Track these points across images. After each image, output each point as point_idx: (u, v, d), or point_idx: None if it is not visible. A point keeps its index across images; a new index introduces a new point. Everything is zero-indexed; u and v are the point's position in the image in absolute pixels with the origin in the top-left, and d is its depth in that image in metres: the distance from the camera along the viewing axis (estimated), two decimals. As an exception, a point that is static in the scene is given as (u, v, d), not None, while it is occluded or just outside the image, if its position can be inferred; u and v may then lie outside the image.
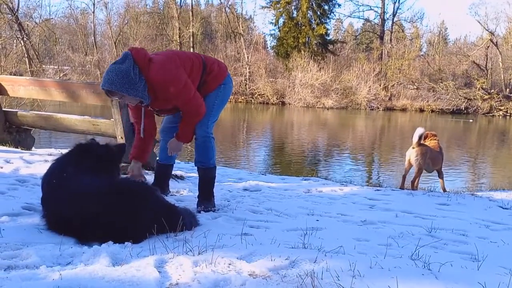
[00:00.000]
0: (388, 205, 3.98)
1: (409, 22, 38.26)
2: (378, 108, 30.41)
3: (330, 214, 3.43)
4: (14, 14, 29.00)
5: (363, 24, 44.01)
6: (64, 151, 5.63)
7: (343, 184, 5.20)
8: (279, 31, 35.81)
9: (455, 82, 31.62)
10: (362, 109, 30.06)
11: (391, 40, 36.27)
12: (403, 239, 2.77)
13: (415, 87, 33.15)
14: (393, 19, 36.77)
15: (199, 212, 3.22)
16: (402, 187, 5.26)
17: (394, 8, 36.47)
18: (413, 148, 5.24)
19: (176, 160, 4.04)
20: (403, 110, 30.81)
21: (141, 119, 3.36)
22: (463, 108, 30.32)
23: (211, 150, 3.53)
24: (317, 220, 3.17)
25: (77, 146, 2.77)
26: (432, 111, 30.50)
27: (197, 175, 3.58)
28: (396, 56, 33.90)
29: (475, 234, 3.08)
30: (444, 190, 5.40)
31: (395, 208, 3.84)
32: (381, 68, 33.37)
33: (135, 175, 3.31)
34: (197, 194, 3.52)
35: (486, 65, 32.55)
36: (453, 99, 30.53)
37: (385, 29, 36.82)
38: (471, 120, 26.16)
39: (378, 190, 4.87)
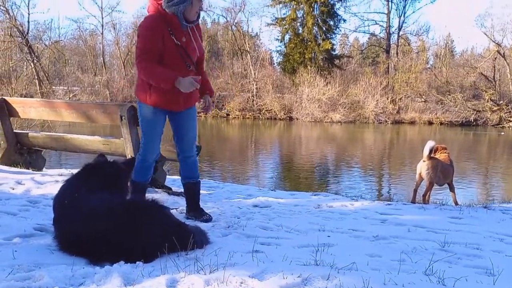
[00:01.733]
0: (400, 220, 3.93)
1: (415, 36, 38.32)
2: (386, 122, 30.31)
3: (342, 230, 3.40)
4: (25, 37, 29.57)
5: (369, 38, 44.24)
6: (75, 171, 5.68)
7: (353, 199, 5.16)
8: (285, 47, 36.05)
9: (463, 94, 31.47)
10: (370, 122, 29.98)
11: (397, 53, 36.31)
12: (416, 254, 2.73)
13: (423, 99, 33.04)
14: (398, 33, 36.86)
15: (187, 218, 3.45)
16: (413, 201, 5.20)
17: (399, 22, 36.60)
18: (424, 161, 5.19)
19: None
20: (412, 123, 30.67)
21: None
22: (472, 120, 30.10)
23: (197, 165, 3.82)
24: (329, 236, 3.14)
25: (85, 166, 2.79)
26: (441, 123, 30.32)
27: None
28: (403, 69, 33.89)
29: (490, 247, 3.03)
30: (456, 204, 5.34)
31: (407, 222, 3.80)
32: (388, 82, 33.35)
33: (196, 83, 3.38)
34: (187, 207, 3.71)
35: (494, 76, 32.39)
36: (462, 111, 30.34)
37: (391, 42, 36.89)
38: (502, 133, 25.78)
39: (389, 204, 4.82)
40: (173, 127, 3.66)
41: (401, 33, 37.01)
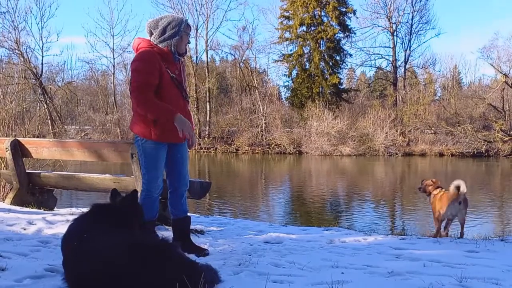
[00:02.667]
0: (415, 254, 3.84)
1: (421, 68, 38.70)
2: (396, 154, 30.17)
3: (356, 266, 3.33)
4: (38, 79, 30.43)
5: (376, 72, 44.66)
6: (84, 210, 5.69)
7: (366, 234, 5.07)
8: (293, 82, 36.53)
9: (473, 125, 31.35)
10: (380, 155, 29.85)
11: (404, 86, 36.57)
12: (433, 291, 2.66)
13: (432, 131, 32.95)
14: (405, 66, 37.25)
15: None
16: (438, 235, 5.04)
17: (405, 55, 37.05)
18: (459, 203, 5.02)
19: (195, 214, 4.07)
20: (422, 155, 30.47)
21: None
22: (484, 151, 29.83)
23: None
24: (342, 273, 3.07)
25: (94, 206, 2.80)
26: (452, 155, 30.08)
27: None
28: (411, 101, 34.02)
29: (509, 282, 2.94)
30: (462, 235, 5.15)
31: (422, 257, 3.71)
32: (397, 114, 33.44)
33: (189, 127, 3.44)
34: (178, 240, 3.64)
35: (503, 106, 32.35)
36: (473, 142, 30.13)
37: (398, 75, 37.22)
38: None
39: (403, 238, 4.73)
40: (170, 160, 3.67)
41: (407, 66, 37.43)
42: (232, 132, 33.85)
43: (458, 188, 4.94)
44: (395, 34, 36.70)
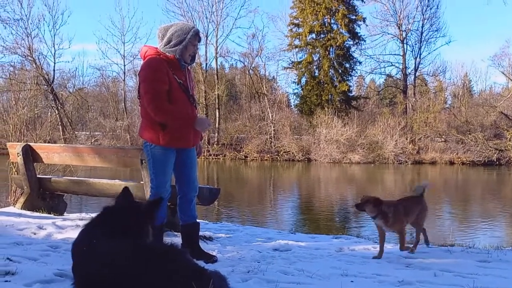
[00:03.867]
0: (426, 264, 3.80)
1: (431, 76, 38.47)
2: (406, 162, 29.94)
3: (365, 275, 3.30)
4: (50, 85, 30.77)
5: (385, 79, 44.51)
6: (94, 215, 5.71)
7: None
8: (302, 89, 36.51)
9: (484, 133, 31.04)
10: (390, 163, 29.65)
11: (414, 94, 36.37)
12: (444, 301, 2.62)
13: (443, 139, 32.69)
14: (415, 74, 37.06)
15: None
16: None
17: (415, 63, 36.86)
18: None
19: (204, 221, 4.07)
20: (433, 163, 30.22)
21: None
22: (495, 160, 29.50)
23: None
24: (352, 281, 3.05)
25: (104, 210, 2.80)
26: (463, 163, 29.79)
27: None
28: (421, 109, 33.81)
29: (523, 293, 2.89)
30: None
31: (433, 266, 3.66)
32: (407, 122, 33.25)
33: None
34: (187, 246, 3.62)
35: (515, 115, 32.04)
36: (484, 151, 29.82)
37: (408, 83, 37.05)
38: None
39: (413, 247, 4.67)
40: (179, 166, 3.68)
41: (417, 74, 37.26)
42: (241, 139, 33.88)
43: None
44: (405, 41, 36.62)
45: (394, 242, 5.62)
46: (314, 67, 36.14)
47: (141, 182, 4.69)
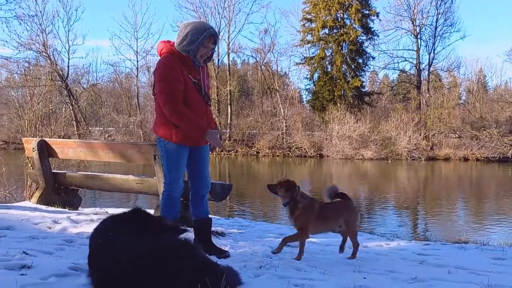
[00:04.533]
0: (439, 261, 3.77)
1: (445, 71, 37.97)
2: (420, 158, 29.67)
3: (378, 271, 3.28)
4: (64, 81, 31.12)
5: (399, 75, 44.03)
6: (109, 209, 5.78)
7: (389, 239, 5.00)
8: (314, 85, 36.34)
9: (499, 129, 30.60)
10: (403, 159, 29.40)
11: (428, 89, 35.96)
12: (458, 298, 2.59)
13: (457, 135, 32.31)
14: (429, 69, 36.63)
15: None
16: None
17: (429, 58, 36.40)
18: None
19: (216, 216, 4.08)
20: (447, 159, 29.89)
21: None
22: (510, 156, 29.05)
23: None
24: (365, 278, 3.03)
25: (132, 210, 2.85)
26: (477, 159, 29.41)
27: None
28: (435, 105, 33.44)
29: (539, 291, 2.85)
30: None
31: (447, 263, 3.63)
32: (420, 118, 32.91)
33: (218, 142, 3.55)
34: (199, 242, 3.61)
35: (530, 111, 31.52)
36: (499, 147, 29.40)
37: (422, 79, 36.63)
38: None
39: (427, 244, 4.64)
40: (192, 163, 3.71)
41: (431, 69, 36.81)
42: (253, 134, 33.88)
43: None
44: (419, 36, 36.18)
45: (408, 238, 5.59)
46: (327, 62, 35.93)
47: (154, 177, 4.73)
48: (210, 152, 3.87)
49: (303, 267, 3.33)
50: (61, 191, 5.79)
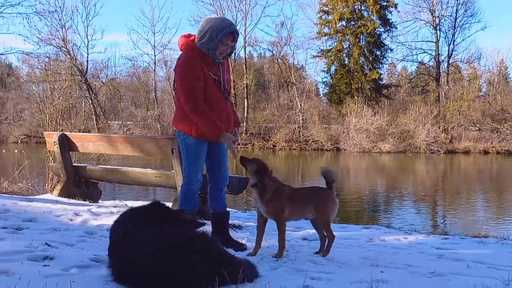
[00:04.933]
0: (458, 255, 3.73)
1: (465, 63, 37.21)
2: (438, 151, 29.25)
3: (396, 265, 3.27)
4: (84, 75, 31.53)
5: (418, 67, 43.36)
6: (129, 202, 5.86)
7: (407, 233, 4.96)
8: (331, 78, 36.05)
9: (521, 121, 29.96)
10: (422, 152, 29.03)
11: (448, 81, 35.33)
12: (477, 293, 2.57)
13: (477, 128, 31.74)
14: (448, 61, 35.94)
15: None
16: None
17: (449, 50, 35.70)
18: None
19: (233, 210, 4.11)
20: (466, 152, 29.41)
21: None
22: (532, 149, 28.46)
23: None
24: (382, 272, 3.03)
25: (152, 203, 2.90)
26: (498, 153, 28.86)
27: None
28: (454, 97, 32.87)
29: (561, 287, 2.80)
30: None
31: (466, 257, 3.59)
32: (439, 110, 32.41)
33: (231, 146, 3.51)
34: (217, 234, 3.61)
35: (553, 103, 30.74)
36: (520, 140, 28.81)
37: (441, 71, 35.99)
38: None
39: (445, 238, 4.60)
40: (211, 157, 3.75)
41: (451, 61, 36.11)
42: (269, 128, 33.83)
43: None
44: (438, 28, 35.51)
45: (426, 232, 5.54)
46: (344, 55, 35.58)
47: (172, 171, 4.78)
48: (234, 143, 3.88)
49: (320, 260, 3.34)
50: (81, 184, 5.90)
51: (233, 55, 36.09)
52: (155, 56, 37.22)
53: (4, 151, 22.70)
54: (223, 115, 3.59)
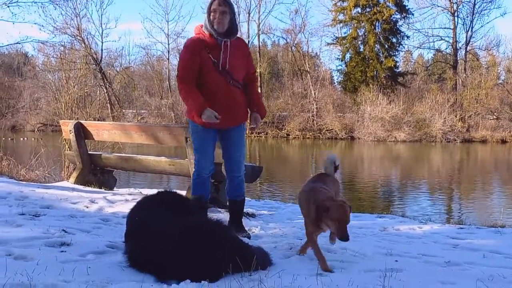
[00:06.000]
0: (474, 245, 3.69)
1: (484, 50, 36.43)
2: (455, 141, 28.86)
3: (410, 254, 3.25)
4: (98, 64, 31.73)
5: (434, 54, 42.61)
6: (143, 190, 5.92)
7: (421, 222, 4.92)
8: (346, 66, 35.65)
9: (540, 110, 29.35)
10: (438, 141, 28.67)
11: (465, 69, 34.66)
12: (493, 283, 2.54)
13: (494, 117, 31.19)
14: (466, 48, 35.19)
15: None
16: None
17: (466, 36, 34.92)
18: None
19: (247, 198, 4.11)
20: (483, 141, 28.96)
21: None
22: (552, 138, 27.89)
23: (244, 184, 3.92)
24: (396, 261, 3.01)
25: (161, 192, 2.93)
26: (516, 141, 28.37)
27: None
28: (472, 85, 32.27)
29: None
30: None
31: (482, 247, 3.55)
32: (456, 99, 31.87)
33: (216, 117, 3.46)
34: (231, 222, 3.76)
35: None
36: (540, 129, 28.24)
37: (458, 58, 35.30)
38: None
39: (461, 228, 4.55)
40: (221, 145, 3.78)
41: (469, 48, 35.34)
42: (283, 117, 33.71)
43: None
44: (456, 14, 34.70)
45: (441, 222, 5.49)
46: (359, 42, 35.09)
47: (186, 159, 4.80)
48: (252, 130, 3.89)
49: (334, 249, 3.32)
50: (97, 172, 5.97)
51: (246, 42, 36.00)
52: (168, 44, 37.31)
53: (21, 139, 23.08)
54: (223, 99, 3.51)
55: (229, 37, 3.53)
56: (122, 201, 4.73)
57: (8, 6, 11.02)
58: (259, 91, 35.44)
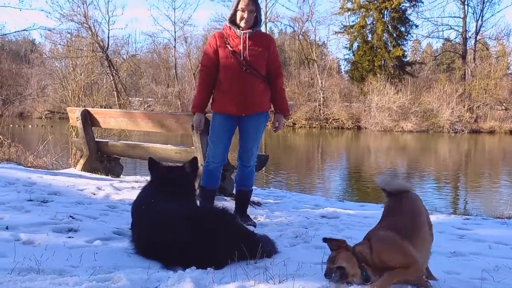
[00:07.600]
0: (480, 235, 3.68)
1: (494, 40, 35.95)
2: (462, 131, 28.67)
3: (415, 244, 3.24)
4: (105, 52, 31.72)
5: (443, 44, 42.15)
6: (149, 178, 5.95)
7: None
8: (354, 55, 35.36)
9: (550, 101, 29.02)
10: (445, 132, 28.50)
11: (474, 59, 34.27)
12: (499, 273, 2.54)
13: (503, 107, 30.89)
14: (476, 38, 34.78)
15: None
16: None
17: (476, 26, 34.49)
18: None
19: (253, 187, 4.11)
20: (491, 132, 28.75)
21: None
22: (561, 129, 27.62)
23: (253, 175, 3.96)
24: (401, 251, 3.00)
25: (158, 174, 2.94)
26: (525, 133, 28.13)
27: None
28: (481, 75, 31.92)
29: None
30: None
31: (488, 238, 3.54)
32: (465, 89, 31.57)
33: (199, 126, 3.75)
34: (236, 211, 3.80)
35: None
36: (549, 120, 27.97)
37: (468, 48, 34.88)
38: None
39: (467, 219, 4.53)
40: (239, 133, 3.79)
41: (478, 37, 34.91)
42: (290, 106, 33.42)
43: None
44: (466, 3, 34.21)
45: (447, 212, 5.48)
46: (367, 31, 34.74)
47: (192, 147, 4.81)
48: (276, 130, 3.84)
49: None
50: (104, 159, 6.00)
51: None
52: (175, 32, 37.19)
53: (30, 126, 23.23)
54: (235, 86, 3.55)
55: (252, 30, 3.59)
56: (128, 188, 4.76)
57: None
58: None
